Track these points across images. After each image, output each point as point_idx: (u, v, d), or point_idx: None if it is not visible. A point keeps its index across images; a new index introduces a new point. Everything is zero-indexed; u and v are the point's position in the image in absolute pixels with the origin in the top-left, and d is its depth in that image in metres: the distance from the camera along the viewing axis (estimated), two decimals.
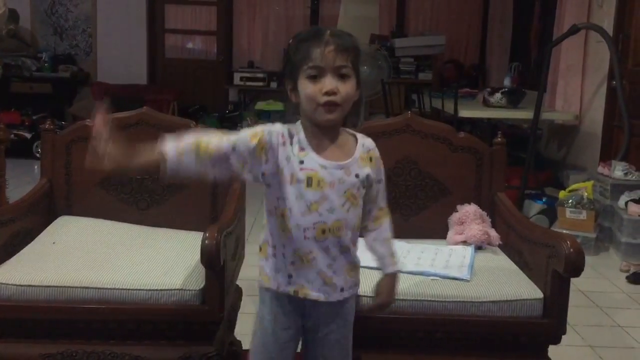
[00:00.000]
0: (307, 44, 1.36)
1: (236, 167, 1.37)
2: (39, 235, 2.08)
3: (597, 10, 4.79)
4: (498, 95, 4.68)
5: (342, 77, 1.36)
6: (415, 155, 2.25)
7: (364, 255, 2.00)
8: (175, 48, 7.53)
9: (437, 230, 2.22)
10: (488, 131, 4.57)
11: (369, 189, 1.47)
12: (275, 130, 1.39)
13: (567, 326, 1.80)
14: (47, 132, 2.25)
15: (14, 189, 3.67)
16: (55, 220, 2.19)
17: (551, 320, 1.77)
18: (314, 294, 1.43)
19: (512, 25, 6.91)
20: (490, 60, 7.35)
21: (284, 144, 1.38)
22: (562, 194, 3.90)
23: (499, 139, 2.27)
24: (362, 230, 1.51)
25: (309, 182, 1.38)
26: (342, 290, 1.46)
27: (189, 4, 7.38)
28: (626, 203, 3.63)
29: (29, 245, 2.01)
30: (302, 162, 1.38)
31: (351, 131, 1.47)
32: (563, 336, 1.80)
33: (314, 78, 1.35)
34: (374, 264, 1.93)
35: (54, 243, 2.02)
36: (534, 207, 4.17)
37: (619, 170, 3.85)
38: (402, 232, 2.21)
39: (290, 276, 1.43)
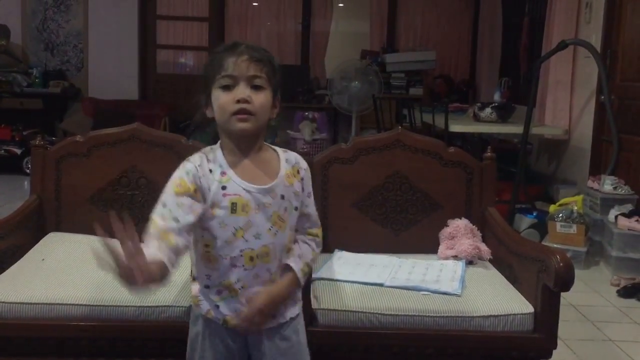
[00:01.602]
0: (221, 55, 1.36)
1: (192, 224, 1.30)
2: (29, 252, 2.07)
3: (585, 26, 4.84)
4: (488, 110, 4.70)
5: (256, 87, 1.34)
6: (405, 170, 2.26)
7: (340, 269, 2.01)
8: (167, 63, 7.54)
9: (428, 245, 2.23)
10: (478, 146, 4.59)
11: (300, 207, 1.42)
12: (190, 167, 1.34)
13: (558, 340, 1.80)
14: (38, 148, 2.25)
15: (3, 205, 3.66)
16: (45, 237, 2.18)
17: (542, 334, 1.77)
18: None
19: (502, 40, 6.97)
20: (480, 75, 7.40)
21: (203, 175, 1.34)
22: (552, 208, 3.92)
23: (489, 154, 2.29)
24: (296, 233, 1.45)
25: (234, 207, 1.33)
26: (274, 316, 1.40)
27: (180, 20, 7.40)
28: (616, 217, 3.65)
29: (18, 262, 2.00)
30: (224, 187, 1.33)
31: (272, 147, 1.44)
32: (554, 351, 1.81)
33: (227, 88, 1.34)
34: (350, 277, 1.94)
35: (43, 260, 2.00)
36: (525, 222, 4.18)
37: (608, 185, 3.88)
38: (393, 247, 2.22)
39: (217, 307, 1.38)
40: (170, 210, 1.29)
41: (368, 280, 1.94)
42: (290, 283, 1.40)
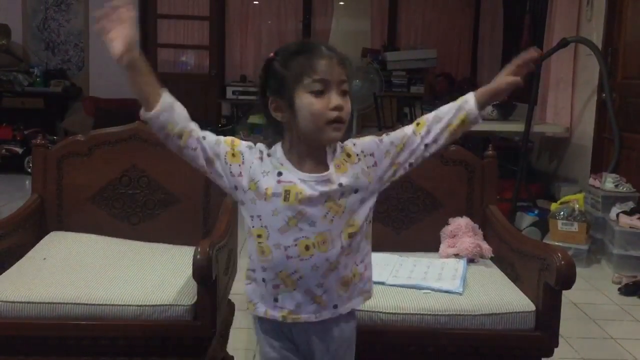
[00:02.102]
0: (306, 56, 1.27)
1: (200, 159, 1.33)
2: (30, 251, 2.07)
3: (586, 24, 4.83)
4: (489, 108, 4.70)
5: (344, 93, 1.28)
6: None
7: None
8: (168, 62, 7.54)
9: (429, 243, 2.22)
10: (480, 144, 4.59)
11: (381, 164, 1.36)
12: (255, 146, 1.35)
13: (560, 339, 1.80)
14: (39, 147, 2.25)
15: (5, 204, 3.67)
16: (46, 236, 2.18)
17: (543, 332, 1.77)
18: (303, 316, 1.33)
19: (503, 38, 6.96)
20: (482, 73, 7.39)
21: (260, 158, 1.33)
22: (553, 206, 3.92)
23: (490, 152, 2.29)
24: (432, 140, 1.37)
25: (286, 195, 1.29)
26: (335, 307, 1.34)
27: (181, 19, 7.40)
28: (617, 215, 3.65)
29: (20, 261, 2.00)
30: (280, 173, 1.30)
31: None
32: (555, 349, 1.80)
33: (319, 93, 1.25)
34: (377, 278, 1.93)
35: (44, 259, 2.01)
36: (526, 220, 4.18)
37: (609, 182, 3.87)
38: (394, 245, 2.22)
39: (275, 300, 1.34)
40: (206, 133, 1.34)
41: None
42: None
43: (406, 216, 2.26)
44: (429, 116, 1.40)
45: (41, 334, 1.76)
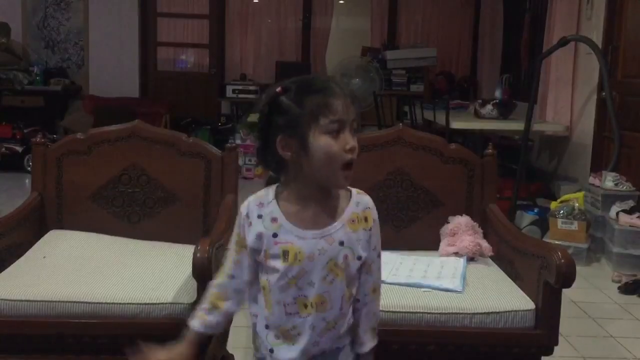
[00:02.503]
0: (322, 95, 1.21)
1: (248, 281, 1.31)
2: (30, 250, 2.07)
3: (586, 23, 4.83)
4: (489, 106, 4.70)
5: (354, 131, 1.25)
6: (407, 167, 2.25)
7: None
8: (168, 61, 7.54)
9: (429, 242, 2.23)
10: (479, 143, 4.59)
11: (366, 257, 1.32)
12: (241, 217, 1.29)
13: (560, 337, 1.80)
14: (38, 145, 2.25)
15: (4, 202, 3.66)
16: (46, 234, 2.18)
17: (543, 331, 1.77)
18: None
19: (503, 37, 6.96)
20: (482, 72, 7.39)
21: (249, 225, 1.27)
22: (553, 205, 3.92)
23: (490, 150, 2.29)
24: (354, 303, 1.35)
25: (285, 256, 1.24)
26: (323, 353, 1.33)
27: (181, 17, 7.39)
28: (617, 213, 3.65)
29: (19, 260, 2.00)
30: (275, 235, 1.25)
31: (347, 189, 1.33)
32: (555, 347, 1.80)
33: (335, 134, 1.21)
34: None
35: (44, 257, 2.01)
36: (526, 218, 4.18)
37: (609, 181, 3.87)
38: (394, 244, 2.22)
39: (271, 351, 1.31)
40: (229, 267, 1.32)
41: None
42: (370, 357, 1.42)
43: (406, 215, 2.26)
44: (362, 313, 1.39)
45: (41, 332, 1.76)
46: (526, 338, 1.78)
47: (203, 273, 1.65)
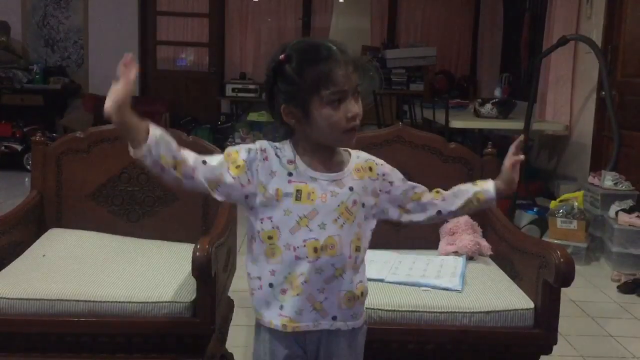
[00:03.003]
0: (324, 64, 1.23)
1: (202, 184, 1.26)
2: (29, 248, 2.07)
3: (585, 22, 4.83)
4: (489, 105, 4.70)
5: (357, 96, 1.27)
6: (406, 166, 2.22)
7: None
8: (167, 60, 7.54)
9: (428, 241, 2.23)
10: (479, 142, 4.59)
11: (389, 194, 1.40)
12: (255, 147, 1.28)
13: (559, 336, 1.80)
14: (38, 144, 2.25)
15: (4, 201, 3.66)
16: (46, 233, 2.18)
17: (542, 330, 1.77)
18: (302, 325, 1.30)
19: (503, 36, 6.96)
20: (481, 71, 7.40)
21: (265, 159, 1.27)
22: (552, 204, 3.92)
23: (490, 150, 2.29)
24: (435, 214, 1.45)
25: (298, 195, 1.26)
26: (334, 318, 1.31)
27: (180, 16, 7.39)
28: (616, 213, 3.65)
29: (19, 258, 2.00)
30: (290, 174, 1.27)
31: (345, 148, 1.36)
32: (554, 346, 1.80)
33: (337, 103, 1.23)
34: (376, 275, 1.93)
35: (44, 256, 2.01)
36: (525, 217, 4.19)
37: (609, 180, 3.88)
38: (393, 242, 2.22)
39: (281, 307, 1.30)
40: (208, 158, 1.28)
41: (368, 276, 1.91)
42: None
43: None
44: (448, 192, 1.46)
45: (40, 331, 1.76)
46: (525, 337, 1.78)
47: (202, 272, 1.65)
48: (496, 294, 1.84)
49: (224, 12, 7.48)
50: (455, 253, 2.12)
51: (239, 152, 1.28)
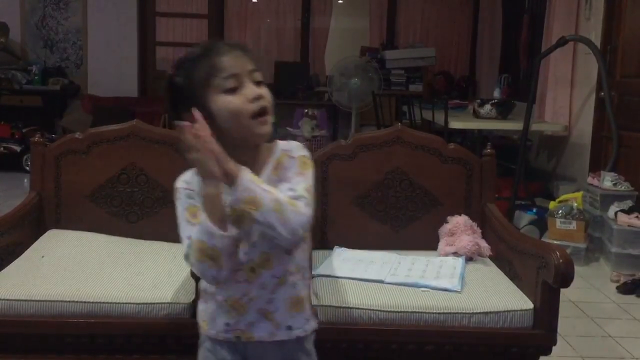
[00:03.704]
0: (207, 58, 1.19)
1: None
2: (28, 249, 2.07)
3: (584, 23, 4.83)
4: (488, 106, 4.70)
5: (258, 83, 1.20)
6: (405, 167, 2.25)
7: (340, 265, 2.01)
8: (166, 60, 7.53)
9: (427, 242, 2.23)
10: (478, 142, 4.59)
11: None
12: (182, 191, 1.23)
13: (558, 337, 1.80)
14: (37, 145, 2.25)
15: (3, 202, 3.66)
16: (45, 234, 2.18)
17: (541, 331, 1.77)
18: (256, 335, 1.27)
19: (502, 37, 6.97)
20: (480, 71, 7.40)
21: (190, 196, 1.22)
22: (552, 205, 3.92)
23: (489, 150, 2.29)
24: None
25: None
26: (289, 328, 1.28)
27: (179, 17, 7.39)
28: (616, 213, 3.65)
29: (18, 259, 2.00)
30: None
31: (272, 143, 1.27)
32: (554, 347, 1.81)
33: (233, 90, 1.18)
34: (350, 273, 1.93)
35: (42, 257, 2.00)
36: (524, 218, 4.18)
37: (608, 181, 3.88)
38: (393, 243, 2.22)
39: (227, 324, 1.28)
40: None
41: (368, 276, 1.94)
42: (234, 166, 1.14)
43: (404, 214, 2.26)
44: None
45: (39, 332, 1.76)
46: (524, 338, 1.78)
47: None
48: (495, 295, 1.84)
49: (223, 12, 7.48)
50: (455, 254, 2.12)
51: (189, 206, 1.22)
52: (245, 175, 1.14)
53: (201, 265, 1.19)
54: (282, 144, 1.28)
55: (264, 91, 1.21)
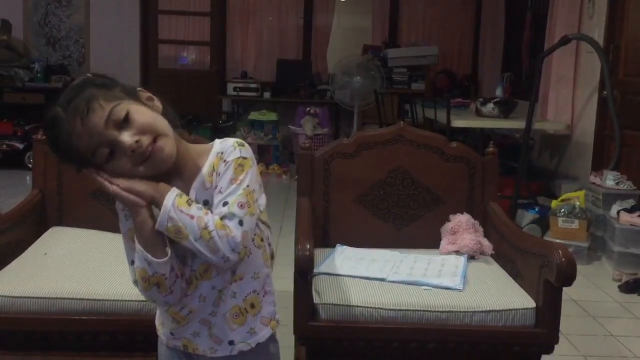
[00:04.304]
0: (61, 140, 1.09)
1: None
2: (31, 246, 2.07)
3: (587, 21, 4.83)
4: (490, 105, 4.70)
5: (124, 122, 1.07)
6: (408, 165, 2.25)
7: (342, 263, 2.01)
8: (169, 58, 7.54)
9: (429, 240, 2.22)
10: (480, 141, 4.58)
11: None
12: (121, 212, 1.20)
13: (560, 335, 1.80)
14: (39, 142, 2.25)
15: (5, 199, 3.66)
16: (47, 231, 2.18)
17: (544, 329, 1.77)
18: (201, 348, 1.22)
19: (504, 35, 6.95)
20: (483, 70, 7.39)
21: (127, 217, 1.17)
22: (554, 204, 3.91)
23: (491, 149, 2.28)
24: None
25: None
26: (231, 343, 1.21)
27: (182, 15, 7.39)
28: (618, 212, 3.64)
29: (20, 256, 2.00)
30: None
31: (209, 144, 1.20)
32: (556, 346, 1.81)
33: (110, 157, 1.09)
34: (352, 271, 1.93)
35: (45, 254, 2.01)
36: (527, 217, 4.18)
37: (610, 180, 3.87)
38: (395, 241, 2.22)
39: (172, 333, 1.24)
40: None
41: (370, 274, 1.94)
42: (160, 191, 1.10)
43: (407, 213, 2.26)
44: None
45: (42, 329, 1.76)
46: (526, 336, 1.78)
47: None
48: (497, 293, 1.83)
49: (226, 10, 7.48)
50: (457, 252, 2.12)
51: (121, 223, 1.20)
52: (169, 202, 1.09)
53: (148, 293, 1.15)
54: (217, 145, 1.18)
55: (137, 125, 1.08)
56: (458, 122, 4.56)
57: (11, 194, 4.63)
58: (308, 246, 1.70)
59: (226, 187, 1.13)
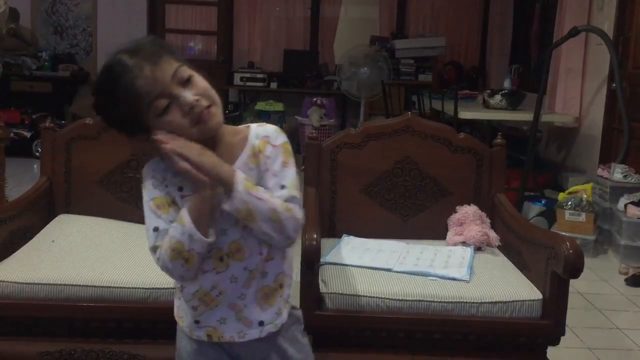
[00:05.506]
0: (120, 88, 1.10)
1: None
2: (38, 234, 2.08)
3: (597, 13, 4.79)
4: (498, 97, 4.68)
5: (187, 81, 1.12)
6: (415, 156, 2.25)
7: (348, 254, 2.02)
8: (176, 48, 7.47)
9: (436, 231, 2.22)
10: (488, 133, 4.57)
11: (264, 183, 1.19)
12: (150, 180, 1.21)
13: (566, 328, 1.80)
14: (47, 130, 2.25)
15: (13, 187, 3.67)
16: (55, 219, 2.19)
17: (550, 321, 1.77)
18: (227, 335, 1.22)
19: (512, 27, 6.91)
20: (491, 62, 7.35)
21: (163, 180, 1.19)
22: (561, 196, 3.90)
23: (499, 141, 2.28)
24: None
25: None
26: (261, 324, 1.23)
27: (189, 4, 7.37)
28: (625, 205, 3.63)
29: (28, 244, 2.01)
30: (180, 188, 1.18)
31: (243, 126, 1.24)
32: (562, 338, 1.80)
33: (166, 109, 1.11)
34: (358, 262, 1.93)
35: (53, 241, 2.02)
36: (533, 209, 4.17)
37: (618, 173, 3.86)
38: (401, 232, 2.22)
39: (197, 322, 1.24)
40: (166, 229, 1.18)
41: (376, 265, 1.94)
42: (227, 172, 1.13)
43: (414, 203, 2.26)
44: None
45: (49, 316, 1.77)
46: (533, 328, 1.78)
47: None
48: (504, 285, 1.83)
49: (233, 0, 7.46)
50: (463, 243, 2.12)
51: (146, 190, 1.21)
52: (241, 185, 1.12)
53: (172, 264, 1.15)
54: (257, 129, 1.22)
55: (198, 87, 1.13)
56: (465, 114, 4.54)
57: (19, 182, 4.65)
58: (315, 236, 1.70)
59: (279, 170, 1.19)
